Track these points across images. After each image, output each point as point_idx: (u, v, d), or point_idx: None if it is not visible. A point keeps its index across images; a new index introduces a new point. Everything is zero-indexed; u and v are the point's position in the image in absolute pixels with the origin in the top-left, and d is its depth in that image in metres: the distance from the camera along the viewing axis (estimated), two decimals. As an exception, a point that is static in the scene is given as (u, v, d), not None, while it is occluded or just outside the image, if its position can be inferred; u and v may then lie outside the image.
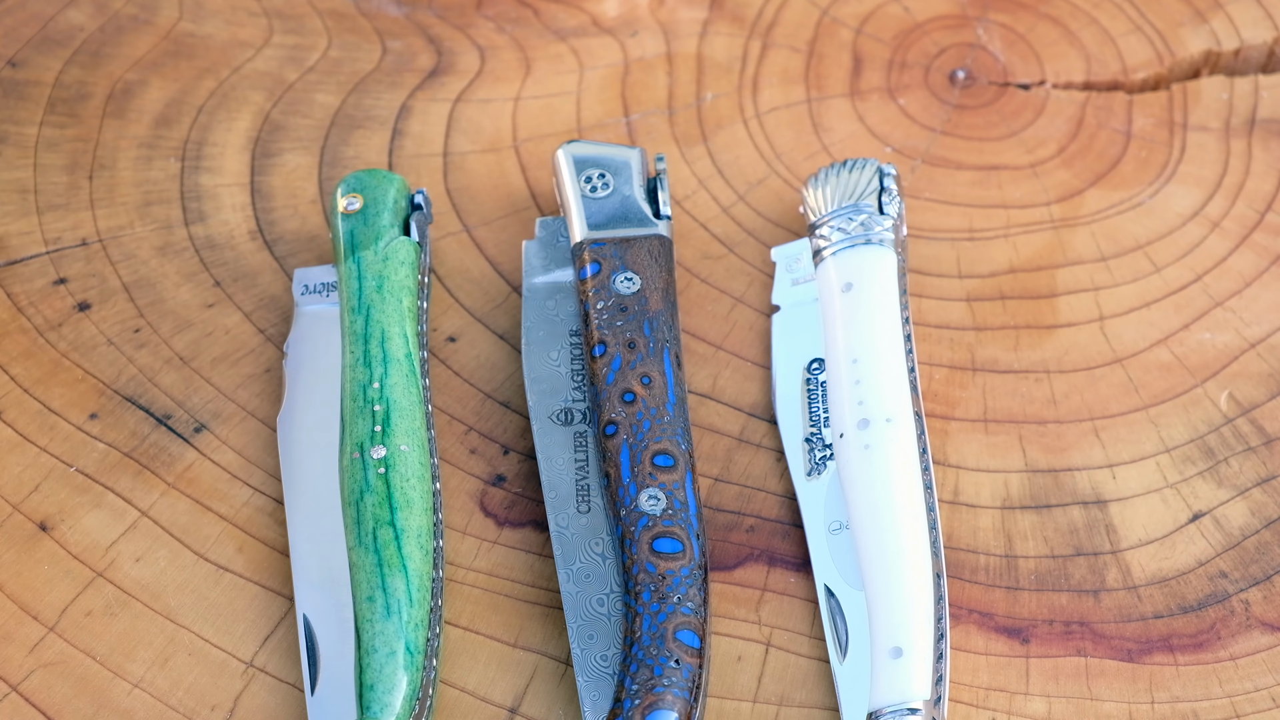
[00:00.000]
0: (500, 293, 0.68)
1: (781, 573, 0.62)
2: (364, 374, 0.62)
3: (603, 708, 0.57)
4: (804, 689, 0.59)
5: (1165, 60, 0.76)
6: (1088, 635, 0.60)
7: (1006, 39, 0.77)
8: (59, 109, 0.73)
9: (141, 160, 0.72)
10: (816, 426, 0.63)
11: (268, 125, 0.73)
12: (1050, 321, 0.68)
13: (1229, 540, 0.62)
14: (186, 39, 0.75)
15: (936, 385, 0.66)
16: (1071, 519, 0.63)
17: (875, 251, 0.65)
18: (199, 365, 0.66)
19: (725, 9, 0.77)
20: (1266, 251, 0.70)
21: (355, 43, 0.76)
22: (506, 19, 0.77)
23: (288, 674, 0.59)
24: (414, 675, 0.56)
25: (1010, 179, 0.72)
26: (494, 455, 0.64)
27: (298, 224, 0.70)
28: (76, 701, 0.58)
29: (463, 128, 0.73)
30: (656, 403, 0.62)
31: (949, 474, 0.64)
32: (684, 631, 0.57)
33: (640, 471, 0.60)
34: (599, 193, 0.66)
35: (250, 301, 0.68)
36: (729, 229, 0.71)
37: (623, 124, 0.74)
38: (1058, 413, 0.65)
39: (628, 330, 0.63)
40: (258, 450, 0.64)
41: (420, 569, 0.58)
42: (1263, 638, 0.60)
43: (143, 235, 0.70)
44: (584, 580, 0.60)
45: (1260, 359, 0.67)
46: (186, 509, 0.62)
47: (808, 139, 0.73)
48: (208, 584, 0.61)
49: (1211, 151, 0.73)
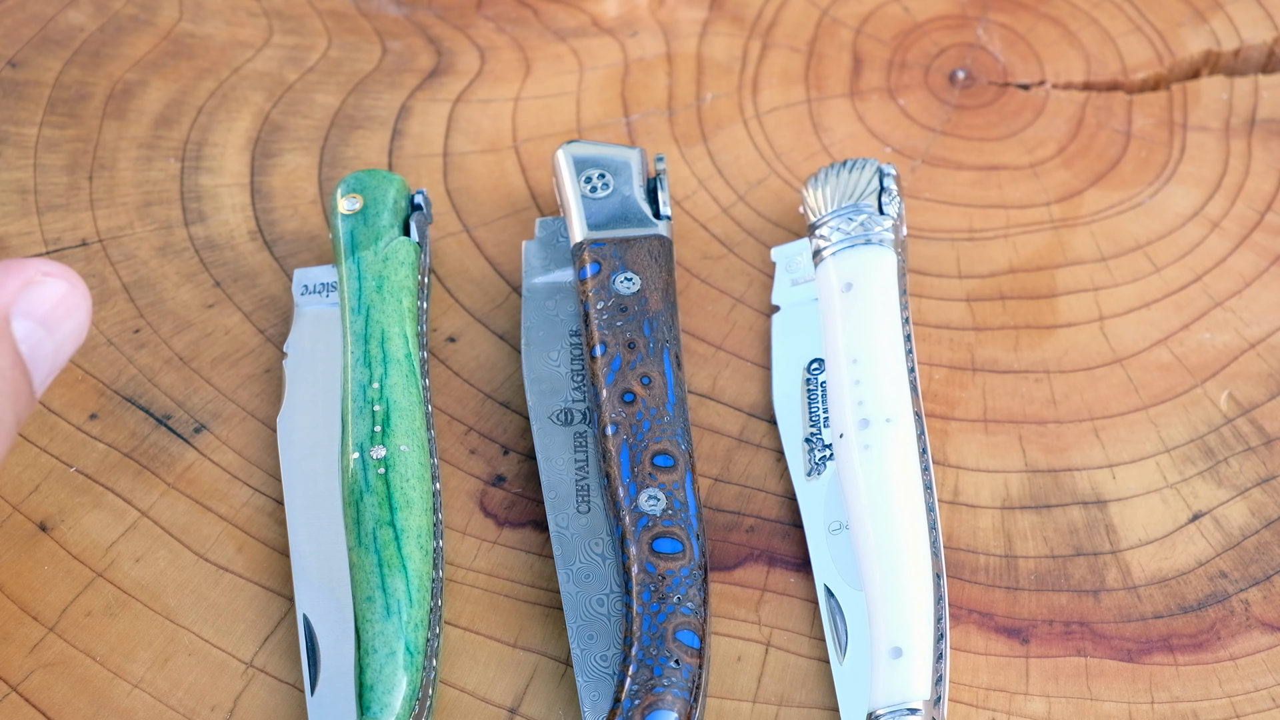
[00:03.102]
0: (500, 293, 0.69)
1: (781, 573, 0.62)
2: (364, 374, 0.62)
3: (603, 708, 0.57)
4: (804, 689, 0.59)
5: (1165, 60, 0.76)
6: (1088, 635, 0.60)
7: (1006, 39, 0.77)
8: (59, 109, 0.73)
9: (141, 160, 0.72)
10: (816, 427, 0.63)
11: (268, 125, 0.73)
12: (1050, 321, 0.68)
13: (1229, 540, 0.62)
14: (186, 39, 0.75)
15: (936, 385, 0.66)
16: (1071, 519, 0.63)
17: (875, 251, 0.65)
18: (199, 365, 0.66)
19: (725, 9, 0.77)
20: (1266, 251, 0.70)
21: (355, 43, 0.76)
22: (506, 19, 0.77)
23: (288, 674, 0.59)
24: (414, 675, 0.56)
25: (1010, 179, 0.72)
26: (494, 455, 0.64)
27: (298, 224, 0.70)
28: (76, 701, 0.58)
29: (463, 128, 0.73)
30: (656, 403, 0.62)
31: (949, 474, 0.64)
32: (684, 632, 0.57)
33: (640, 471, 0.60)
34: (599, 193, 0.66)
35: (250, 302, 0.68)
36: (729, 229, 0.71)
37: (623, 124, 0.74)
38: (1058, 413, 0.65)
39: (628, 330, 0.63)
40: (258, 450, 0.64)
41: (420, 569, 0.58)
42: (1263, 638, 0.60)
43: (143, 236, 0.70)
44: (584, 580, 0.60)
45: (1260, 359, 0.67)
46: (186, 509, 0.62)
47: (808, 139, 0.73)
48: (208, 584, 0.61)
49: (1211, 151, 0.73)
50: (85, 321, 0.53)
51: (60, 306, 0.52)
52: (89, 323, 0.53)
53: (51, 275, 0.52)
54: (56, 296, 0.52)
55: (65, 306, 0.52)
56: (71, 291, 0.52)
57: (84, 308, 0.53)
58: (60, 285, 0.52)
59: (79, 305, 0.53)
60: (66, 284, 0.52)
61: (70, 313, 0.52)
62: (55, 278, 0.52)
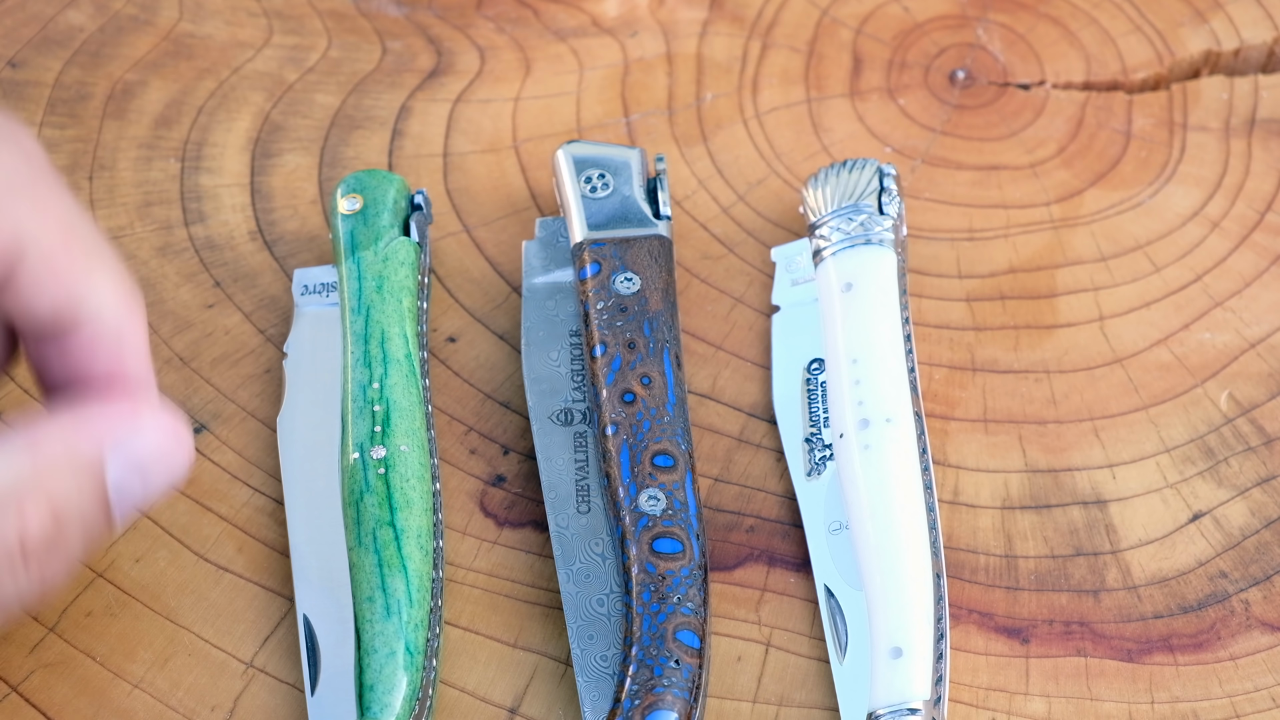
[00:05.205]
0: (500, 293, 0.69)
1: (781, 573, 0.62)
2: (364, 374, 0.62)
3: (603, 708, 0.57)
4: (804, 689, 0.59)
5: (1165, 60, 0.76)
6: (1088, 635, 0.60)
7: (1006, 39, 0.77)
8: (59, 109, 0.73)
9: (141, 161, 0.72)
10: (816, 427, 0.63)
11: (268, 126, 0.73)
12: (1050, 321, 0.68)
13: (1229, 540, 0.62)
14: (186, 39, 0.75)
15: (936, 385, 0.66)
16: (1071, 519, 0.63)
17: (875, 251, 0.65)
18: (199, 365, 0.66)
19: (725, 9, 0.77)
20: (1266, 251, 0.70)
21: (355, 43, 0.76)
22: (506, 19, 0.77)
23: (288, 674, 0.59)
24: (414, 675, 0.56)
25: (1010, 179, 0.72)
26: (494, 455, 0.64)
27: (298, 224, 0.70)
28: (76, 701, 0.58)
29: (463, 128, 0.73)
30: (656, 403, 0.62)
31: (949, 474, 0.64)
32: (684, 632, 0.57)
33: (640, 471, 0.60)
34: (599, 193, 0.66)
35: (250, 302, 0.68)
36: (729, 229, 0.71)
37: (623, 124, 0.74)
38: (1058, 413, 0.65)
39: (627, 330, 0.63)
40: (258, 450, 0.64)
41: (420, 569, 0.58)
42: (1263, 638, 0.60)
43: (143, 236, 0.70)
44: (584, 580, 0.60)
45: (1260, 359, 0.67)
46: (186, 509, 0.62)
47: (807, 139, 0.73)
48: (208, 584, 0.61)
49: (1211, 151, 0.73)
50: (180, 474, 0.51)
51: (160, 459, 0.51)
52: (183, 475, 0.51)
53: (161, 428, 0.50)
54: (159, 449, 0.51)
55: (164, 460, 0.51)
56: (176, 447, 0.51)
57: (183, 462, 0.51)
58: (165, 439, 0.51)
59: (178, 461, 0.51)
60: (172, 438, 0.51)
61: (167, 466, 0.51)
62: (163, 431, 0.51)
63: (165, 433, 0.51)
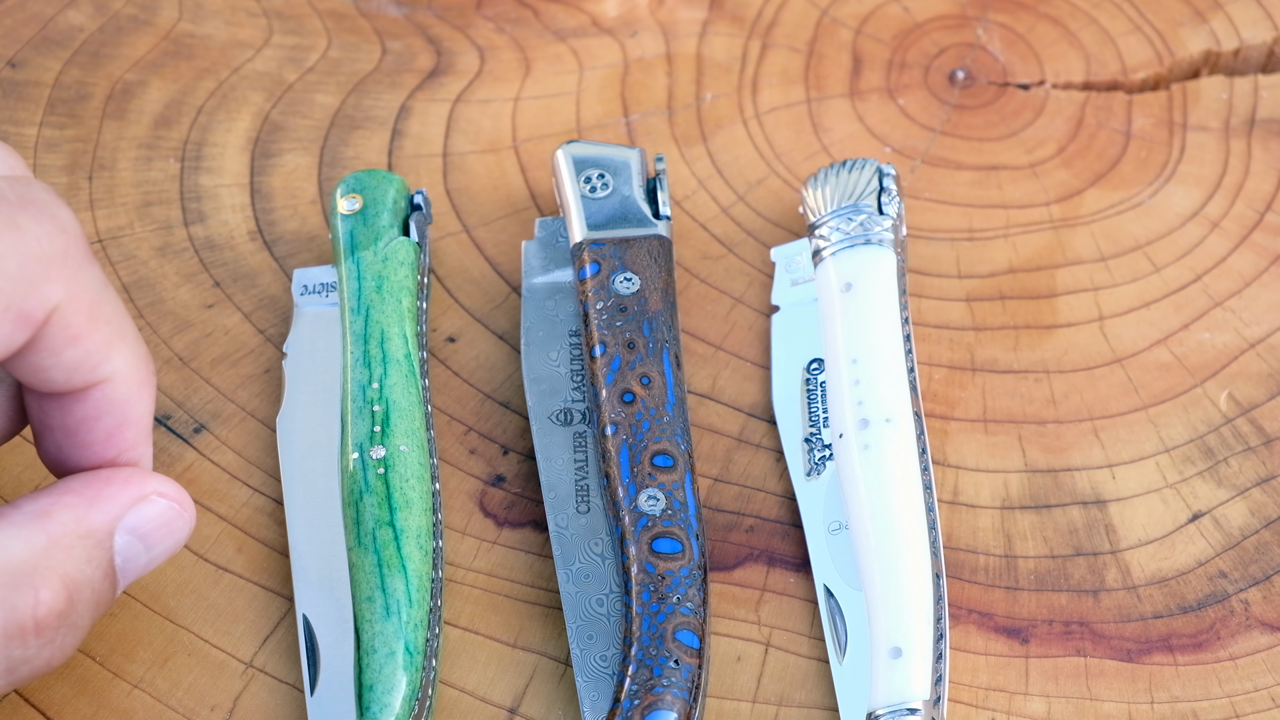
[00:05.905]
0: (500, 293, 0.69)
1: (781, 573, 0.62)
2: (363, 374, 0.62)
3: (602, 708, 0.57)
4: (803, 689, 0.59)
5: (1165, 60, 0.76)
6: (1087, 635, 0.60)
7: (1006, 39, 0.77)
8: (59, 109, 0.73)
9: (141, 161, 0.72)
10: (816, 427, 0.63)
11: (267, 126, 0.73)
12: (1050, 321, 0.68)
13: (1229, 540, 0.62)
14: (186, 39, 0.75)
15: (936, 385, 0.66)
16: (1071, 519, 0.63)
17: (875, 251, 0.65)
18: (198, 365, 0.66)
19: (725, 9, 0.77)
20: (1266, 251, 0.70)
21: (355, 43, 0.76)
22: (506, 19, 0.77)
23: (287, 674, 0.59)
24: (413, 675, 0.56)
25: (1010, 179, 0.72)
26: (494, 455, 0.64)
27: (297, 224, 0.70)
28: (76, 701, 0.58)
29: (462, 128, 0.73)
30: (656, 403, 0.62)
31: (948, 474, 0.64)
32: (683, 632, 0.57)
33: (640, 471, 0.60)
34: (598, 193, 0.66)
35: (250, 302, 0.68)
36: (728, 229, 0.71)
37: (622, 124, 0.74)
38: (1057, 413, 0.65)
39: (627, 330, 0.63)
40: (257, 450, 0.64)
41: (420, 569, 0.58)
42: (1262, 638, 0.60)
43: (142, 236, 0.70)
44: (583, 580, 0.60)
45: (1260, 359, 0.67)
46: (186, 509, 0.63)
47: (807, 139, 0.73)
48: (207, 584, 0.61)
49: (1211, 151, 0.73)
50: (182, 541, 0.55)
51: (164, 528, 0.54)
52: (185, 541, 0.55)
53: (165, 497, 0.54)
54: (163, 518, 0.54)
55: (168, 528, 0.54)
56: (178, 516, 0.54)
57: (185, 531, 0.55)
58: (169, 509, 0.54)
59: (181, 529, 0.54)
60: (176, 508, 0.54)
61: (171, 534, 0.54)
62: (168, 499, 0.54)
63: (173, 508, 0.54)
